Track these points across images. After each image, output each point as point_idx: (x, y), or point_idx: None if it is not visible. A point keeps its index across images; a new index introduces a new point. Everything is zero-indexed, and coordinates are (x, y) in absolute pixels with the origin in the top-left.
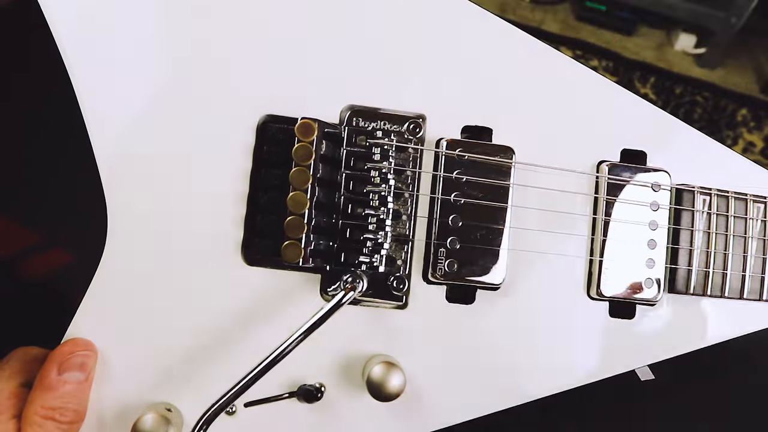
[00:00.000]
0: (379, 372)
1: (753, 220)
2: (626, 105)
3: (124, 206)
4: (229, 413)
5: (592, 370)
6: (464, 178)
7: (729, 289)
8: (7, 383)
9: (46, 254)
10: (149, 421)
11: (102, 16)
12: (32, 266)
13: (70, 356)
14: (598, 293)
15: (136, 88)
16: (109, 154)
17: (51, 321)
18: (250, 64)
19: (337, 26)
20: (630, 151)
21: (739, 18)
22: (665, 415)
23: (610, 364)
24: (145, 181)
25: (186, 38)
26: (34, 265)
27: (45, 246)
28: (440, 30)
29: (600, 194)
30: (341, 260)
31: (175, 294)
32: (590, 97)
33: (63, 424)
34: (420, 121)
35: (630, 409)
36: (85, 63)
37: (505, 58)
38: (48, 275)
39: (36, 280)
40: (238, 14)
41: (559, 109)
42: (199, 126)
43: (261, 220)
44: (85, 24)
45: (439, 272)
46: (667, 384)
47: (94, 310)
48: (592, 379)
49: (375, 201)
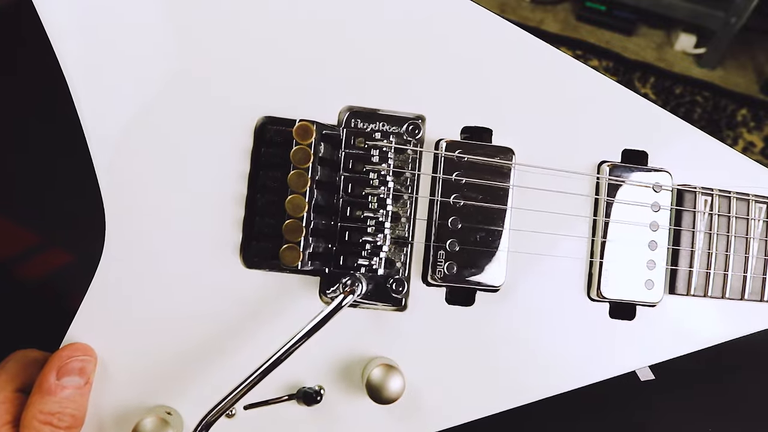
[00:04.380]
0: (378, 375)
1: (755, 220)
2: (628, 104)
3: (121, 209)
4: (229, 416)
5: (593, 371)
6: (463, 179)
7: (730, 291)
8: (2, 389)
9: (45, 254)
10: (149, 425)
11: (99, 18)
12: (31, 267)
13: (68, 361)
14: (598, 294)
15: (133, 90)
16: (106, 157)
17: (51, 321)
18: (248, 66)
19: (336, 28)
20: (631, 151)
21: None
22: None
23: (610, 366)
24: (143, 184)
25: (184, 40)
26: (33, 266)
27: (44, 246)
28: (439, 30)
29: (600, 195)
30: (340, 263)
31: (173, 297)
32: (591, 96)
33: (61, 429)
34: (419, 122)
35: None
36: (82, 66)
37: (504, 58)
38: (47, 276)
39: (35, 281)
40: (236, 17)
41: (559, 108)
42: (198, 128)
43: (259, 223)
44: (82, 27)
45: (439, 274)
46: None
47: (93, 315)
48: (592, 381)
49: (374, 203)
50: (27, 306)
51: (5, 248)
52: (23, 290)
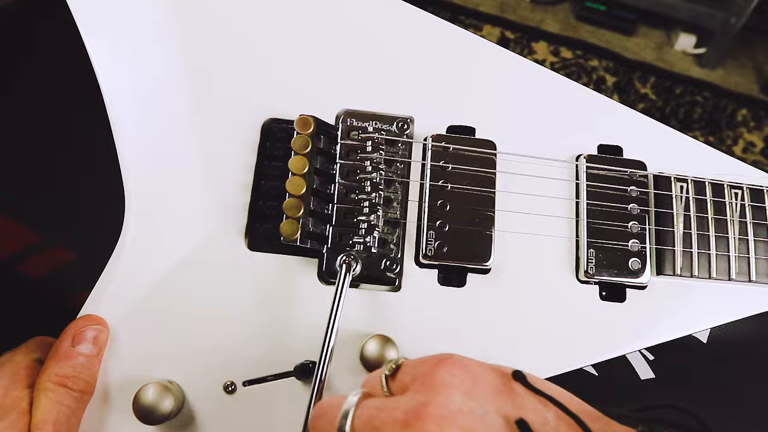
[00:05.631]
0: (374, 345)
1: (731, 203)
2: (600, 106)
3: (140, 197)
4: (229, 392)
5: (585, 354)
6: (450, 166)
7: (716, 271)
8: (24, 357)
9: (46, 253)
10: (151, 391)
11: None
12: (32, 265)
13: (84, 329)
14: (586, 275)
15: (154, 93)
16: (130, 149)
17: (50, 321)
18: (256, 74)
19: (334, 40)
20: (606, 146)
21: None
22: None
23: (602, 348)
24: (161, 175)
25: (199, 47)
26: (34, 265)
27: (45, 245)
28: (425, 45)
29: (580, 181)
30: (337, 241)
31: (181, 277)
32: (565, 100)
33: (75, 392)
34: (408, 121)
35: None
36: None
37: (483, 70)
38: (49, 274)
39: (36, 280)
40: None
41: (536, 111)
42: (211, 126)
43: (262, 206)
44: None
45: (429, 252)
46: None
47: (107, 292)
48: (585, 363)
49: (368, 187)
50: (29, 304)
51: (7, 246)
52: (26, 288)
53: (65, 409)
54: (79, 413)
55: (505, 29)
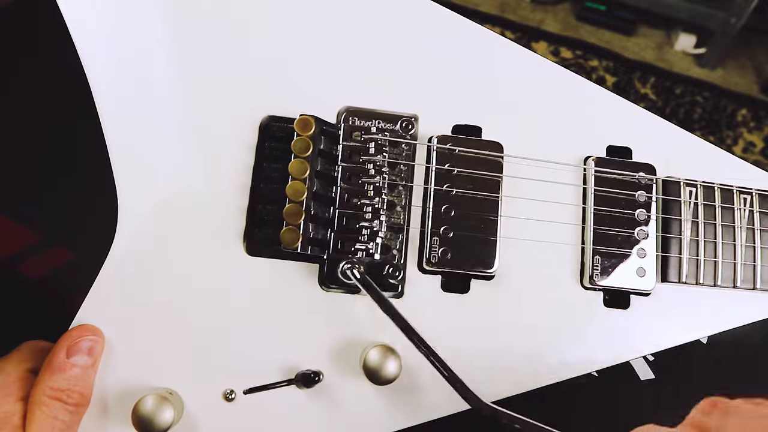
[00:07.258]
0: (376, 355)
1: (740, 210)
2: (610, 104)
3: (133, 200)
4: (229, 400)
5: (589, 360)
6: (455, 170)
7: (721, 278)
8: (15, 368)
9: (46, 253)
10: (150, 402)
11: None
12: (32, 265)
13: (78, 340)
14: (591, 282)
15: (149, 89)
16: (122, 148)
17: (51, 321)
18: (254, 69)
19: (335, 34)
20: (615, 147)
21: (739, 18)
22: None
23: (606, 355)
24: (156, 175)
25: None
26: (34, 265)
27: (45, 245)
28: (430, 38)
29: (588, 185)
30: (338, 247)
31: (178, 283)
32: (574, 97)
33: (70, 405)
34: (412, 120)
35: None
36: (100, 64)
37: (490, 64)
38: (48, 274)
39: (36, 280)
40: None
41: (544, 109)
42: (208, 124)
43: (261, 210)
44: (100, 25)
45: (433, 259)
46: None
47: (101, 300)
48: (588, 370)
49: (370, 191)
50: (28, 304)
51: (6, 246)
52: (25, 288)
53: (60, 423)
54: (75, 426)
55: (505, 29)
